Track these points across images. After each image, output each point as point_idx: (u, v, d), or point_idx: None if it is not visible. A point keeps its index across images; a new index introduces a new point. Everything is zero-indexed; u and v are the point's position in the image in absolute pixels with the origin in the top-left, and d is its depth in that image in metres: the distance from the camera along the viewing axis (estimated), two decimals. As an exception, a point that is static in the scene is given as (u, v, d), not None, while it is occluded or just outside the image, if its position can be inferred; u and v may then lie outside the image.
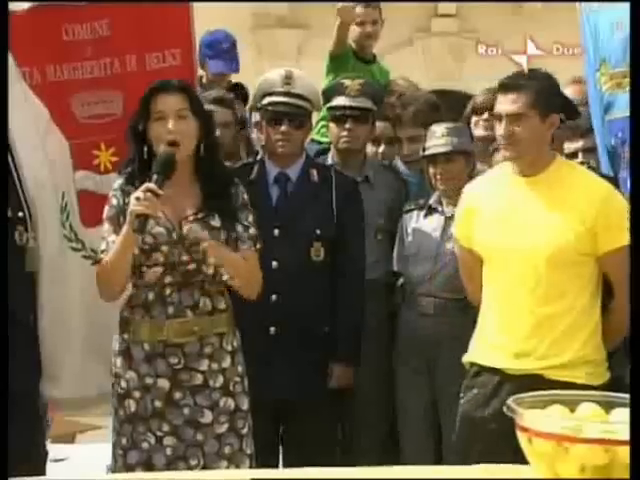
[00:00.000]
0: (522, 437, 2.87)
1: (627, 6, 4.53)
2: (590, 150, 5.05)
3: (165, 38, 4.85)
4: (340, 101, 5.22)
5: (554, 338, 3.99)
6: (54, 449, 6.77)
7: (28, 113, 4.74)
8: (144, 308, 3.97)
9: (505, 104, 4.02)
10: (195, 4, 4.88)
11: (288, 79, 4.79)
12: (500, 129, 4.06)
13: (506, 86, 4.08)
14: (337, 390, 4.75)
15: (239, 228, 4.04)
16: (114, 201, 3.99)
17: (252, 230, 4.08)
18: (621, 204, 4.04)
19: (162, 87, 3.99)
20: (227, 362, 4.03)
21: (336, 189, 4.78)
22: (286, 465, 4.70)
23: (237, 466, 3.99)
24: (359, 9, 6.53)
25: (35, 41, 4.75)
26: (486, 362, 4.08)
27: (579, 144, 5.19)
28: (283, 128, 4.73)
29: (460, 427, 4.23)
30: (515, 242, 4.01)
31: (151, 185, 3.74)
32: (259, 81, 5.01)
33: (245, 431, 4.06)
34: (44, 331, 4.71)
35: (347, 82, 5.35)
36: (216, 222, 3.97)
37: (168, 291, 3.94)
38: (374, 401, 5.04)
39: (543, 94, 4.01)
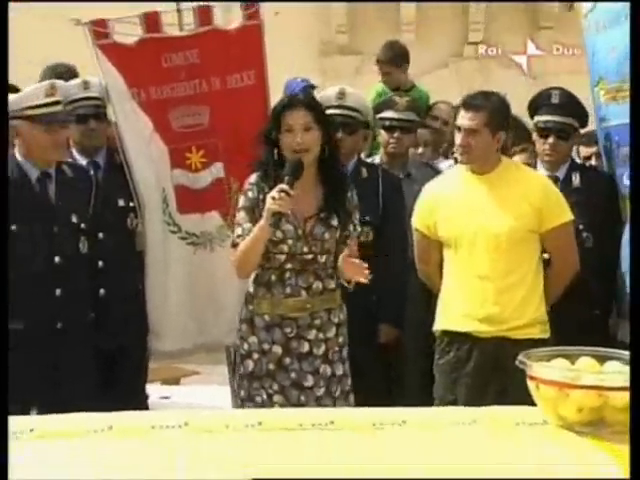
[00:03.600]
0: (531, 384, 2.83)
1: (620, 32, 4.46)
2: (598, 154, 4.97)
3: (242, 62, 4.81)
4: (390, 114, 5.18)
5: (515, 304, 3.95)
6: (162, 389, 6.86)
7: (136, 125, 4.77)
8: (266, 287, 3.84)
9: (465, 119, 4.00)
10: (267, 34, 4.83)
11: (341, 95, 4.72)
12: (458, 139, 4.06)
13: (467, 104, 4.05)
14: (385, 345, 4.69)
15: (351, 227, 3.92)
16: (250, 194, 3.83)
17: (358, 227, 3.98)
18: (557, 192, 4.08)
19: (290, 103, 3.83)
20: (332, 333, 3.90)
21: (382, 184, 4.71)
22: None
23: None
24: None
25: (141, 67, 4.77)
26: (458, 328, 4.03)
27: (593, 149, 5.15)
28: (337, 135, 4.66)
29: (440, 383, 4.19)
30: (477, 227, 3.99)
31: (284, 186, 3.61)
32: (318, 97, 4.98)
33: (337, 394, 3.92)
34: (150, 297, 4.75)
35: (397, 99, 5.35)
36: (334, 221, 3.84)
37: (288, 274, 3.82)
38: (415, 355, 4.97)
39: (495, 116, 3.98)
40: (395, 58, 6.56)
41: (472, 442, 2.74)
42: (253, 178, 3.86)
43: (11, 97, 4.12)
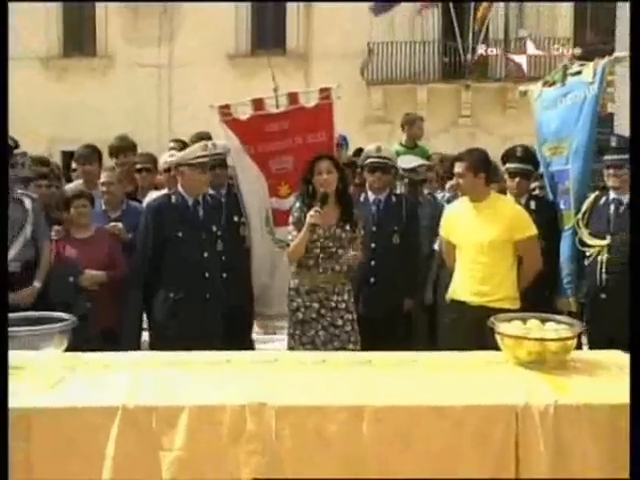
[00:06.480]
0: (498, 337, 2.83)
1: (556, 111, 4.38)
2: (541, 187, 4.88)
3: (318, 126, 4.75)
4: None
5: (493, 285, 3.88)
6: (266, 338, 6.78)
7: (247, 170, 4.78)
8: (307, 268, 3.91)
9: (456, 167, 4.00)
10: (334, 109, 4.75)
11: (378, 149, 4.67)
12: (454, 180, 4.13)
13: (457, 157, 4.05)
14: (406, 312, 4.62)
15: (357, 232, 3.96)
16: (296, 214, 3.94)
17: (362, 231, 4.02)
18: (525, 214, 3.98)
19: (320, 157, 3.94)
20: (346, 296, 3.95)
21: (405, 206, 4.66)
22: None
23: (355, 346, 3.93)
24: (418, 121, 6.43)
25: (251, 133, 4.76)
26: (458, 298, 3.99)
27: (536, 184, 5.04)
28: (376, 175, 4.64)
29: (443, 335, 4.16)
30: (470, 237, 3.95)
31: (318, 208, 3.78)
32: (364, 151, 4.95)
33: (357, 330, 3.98)
34: (254, 279, 4.79)
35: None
36: (348, 227, 3.92)
37: (320, 260, 3.89)
38: (421, 317, 4.90)
39: (475, 163, 3.92)
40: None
41: (460, 374, 2.75)
42: (297, 205, 3.97)
43: (180, 153, 4.35)
